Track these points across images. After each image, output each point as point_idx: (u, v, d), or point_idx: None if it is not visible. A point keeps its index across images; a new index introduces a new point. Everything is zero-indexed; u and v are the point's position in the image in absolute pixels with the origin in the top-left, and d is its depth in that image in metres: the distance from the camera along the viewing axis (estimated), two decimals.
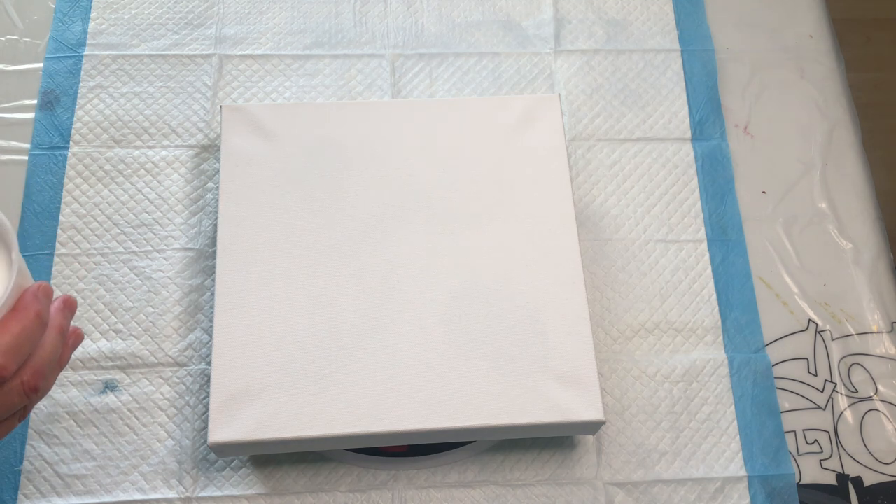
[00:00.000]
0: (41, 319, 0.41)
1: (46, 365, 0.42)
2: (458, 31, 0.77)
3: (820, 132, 0.75)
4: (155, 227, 0.67)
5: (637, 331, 0.66)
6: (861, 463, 0.63)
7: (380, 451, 0.61)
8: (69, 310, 0.45)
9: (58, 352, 0.43)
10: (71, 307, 0.45)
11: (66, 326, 0.44)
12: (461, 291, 0.59)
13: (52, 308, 0.44)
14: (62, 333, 0.44)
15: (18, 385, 0.41)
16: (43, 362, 0.42)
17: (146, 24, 0.75)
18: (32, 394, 0.42)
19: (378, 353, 0.57)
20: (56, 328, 0.43)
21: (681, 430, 0.63)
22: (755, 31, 0.79)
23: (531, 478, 0.61)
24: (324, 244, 0.60)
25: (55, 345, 0.43)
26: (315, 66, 0.74)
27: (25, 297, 0.41)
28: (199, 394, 0.62)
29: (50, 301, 0.43)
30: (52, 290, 0.43)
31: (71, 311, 0.45)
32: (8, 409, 0.41)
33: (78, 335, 0.47)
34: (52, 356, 0.43)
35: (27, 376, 0.41)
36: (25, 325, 0.40)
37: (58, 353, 0.43)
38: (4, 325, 0.40)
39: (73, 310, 0.45)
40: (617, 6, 0.79)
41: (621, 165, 0.72)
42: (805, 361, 0.66)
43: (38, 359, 0.42)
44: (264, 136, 0.64)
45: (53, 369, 0.44)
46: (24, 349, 0.41)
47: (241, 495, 0.59)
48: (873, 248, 0.70)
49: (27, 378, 0.41)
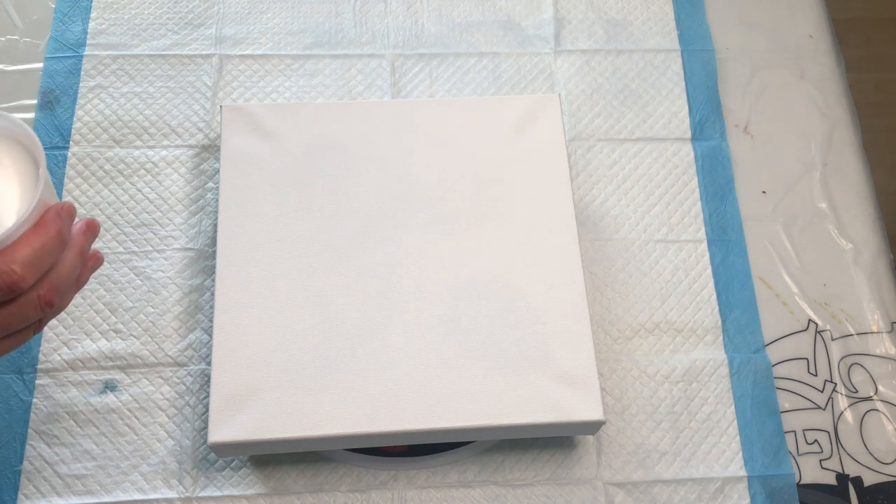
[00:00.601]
0: (62, 237, 0.43)
1: (63, 282, 0.44)
2: (458, 31, 0.77)
3: (820, 132, 0.75)
4: (155, 227, 0.67)
5: (637, 331, 0.66)
6: (861, 463, 0.63)
7: (380, 451, 0.61)
8: (91, 232, 0.46)
9: (76, 271, 0.45)
10: (93, 230, 0.46)
11: (86, 248, 0.46)
12: (461, 291, 0.59)
13: (74, 229, 0.45)
14: (82, 254, 0.45)
15: (35, 298, 0.42)
16: (60, 279, 0.43)
17: (146, 24, 0.75)
18: (48, 308, 0.43)
19: (378, 353, 0.57)
20: (76, 248, 0.45)
21: (681, 430, 0.63)
22: (755, 31, 0.79)
23: (531, 478, 0.61)
24: (324, 244, 0.60)
25: (74, 264, 0.44)
26: (315, 66, 0.74)
27: (48, 215, 0.43)
28: (199, 394, 0.62)
29: (72, 221, 0.44)
30: (75, 211, 0.44)
31: (93, 233, 0.46)
32: (23, 320, 0.42)
33: (98, 258, 0.48)
34: (70, 274, 0.44)
35: (44, 290, 0.42)
36: (46, 241, 0.42)
37: (76, 272, 0.45)
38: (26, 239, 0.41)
39: (96, 233, 0.47)
40: (617, 6, 0.79)
41: (621, 165, 0.72)
42: (805, 361, 0.66)
43: (56, 275, 0.43)
44: (264, 136, 0.64)
45: (70, 288, 0.45)
46: (43, 263, 0.42)
47: (241, 495, 0.59)
48: (873, 248, 0.70)
49: (44, 292, 0.42)
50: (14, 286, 0.40)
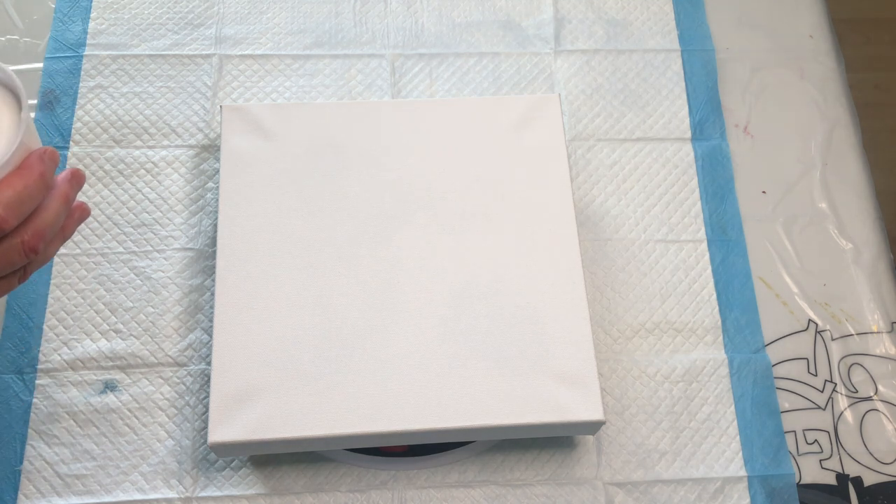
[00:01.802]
0: (44, 180, 0.42)
1: (48, 228, 0.43)
2: (458, 31, 0.77)
3: (820, 132, 0.75)
4: (155, 227, 0.67)
5: (637, 331, 0.66)
6: (861, 463, 0.63)
7: (380, 451, 0.61)
8: (76, 181, 0.46)
9: (61, 218, 0.44)
10: (78, 179, 0.46)
11: (71, 197, 0.45)
12: (461, 291, 0.59)
13: (59, 177, 0.45)
14: (67, 202, 0.45)
15: (18, 243, 0.42)
16: (45, 224, 0.43)
17: (146, 24, 0.75)
18: (32, 254, 0.42)
19: (378, 353, 0.57)
20: (61, 195, 0.44)
21: (681, 430, 0.63)
22: (755, 31, 0.79)
23: (531, 478, 0.61)
24: (324, 244, 0.60)
25: (58, 211, 0.44)
26: (315, 66, 0.74)
27: (31, 158, 0.42)
28: (199, 394, 0.62)
29: (55, 166, 0.44)
30: (58, 156, 0.44)
31: (78, 183, 0.46)
32: (7, 265, 0.42)
33: (84, 210, 0.48)
34: (55, 221, 0.44)
35: (27, 236, 0.42)
36: (28, 183, 0.41)
37: (61, 219, 0.44)
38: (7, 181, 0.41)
39: (81, 183, 0.46)
40: (617, 6, 0.79)
41: (621, 165, 0.72)
42: (805, 361, 0.66)
43: (40, 220, 0.43)
44: (264, 136, 0.64)
45: (56, 237, 0.45)
46: (25, 206, 0.41)
47: (241, 495, 0.59)
48: (873, 248, 0.70)
49: (27, 238, 0.42)
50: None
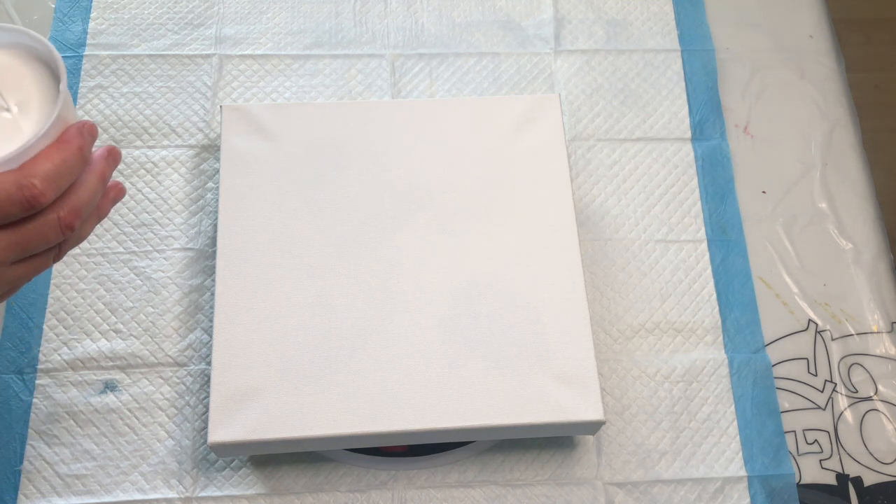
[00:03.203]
0: (82, 154, 0.41)
1: (84, 206, 0.42)
2: (458, 31, 0.77)
3: (820, 132, 0.75)
4: (155, 227, 0.67)
5: (637, 331, 0.66)
6: (861, 463, 0.63)
7: (380, 451, 0.61)
8: (112, 158, 0.44)
9: (97, 196, 0.43)
10: (115, 157, 0.45)
11: (107, 174, 0.44)
12: (461, 291, 0.59)
13: (95, 154, 0.44)
14: (103, 180, 0.44)
15: (55, 219, 0.40)
16: (81, 202, 0.42)
17: (146, 24, 0.75)
18: (68, 231, 0.41)
19: (378, 353, 0.57)
20: (98, 172, 0.43)
21: (681, 430, 0.63)
22: (755, 31, 0.79)
23: (531, 478, 0.61)
24: (323, 244, 0.60)
25: (95, 188, 0.43)
26: (315, 66, 0.74)
27: (69, 131, 0.41)
28: (199, 394, 0.62)
29: (94, 140, 0.43)
30: (97, 130, 0.43)
31: (115, 160, 0.45)
32: (43, 242, 0.41)
33: (119, 189, 0.47)
34: (91, 198, 0.42)
35: (64, 212, 0.41)
36: (66, 157, 0.40)
37: (97, 197, 0.43)
38: (46, 154, 0.40)
39: (118, 160, 0.45)
40: (617, 6, 0.79)
41: (621, 165, 0.72)
42: (805, 361, 0.66)
43: (76, 197, 0.41)
44: (264, 136, 0.64)
45: (91, 216, 0.44)
46: (63, 180, 0.40)
47: (241, 495, 0.59)
48: (873, 248, 0.70)
49: (64, 214, 0.41)
50: (34, 201, 0.38)
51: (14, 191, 0.38)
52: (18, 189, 0.38)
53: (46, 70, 0.42)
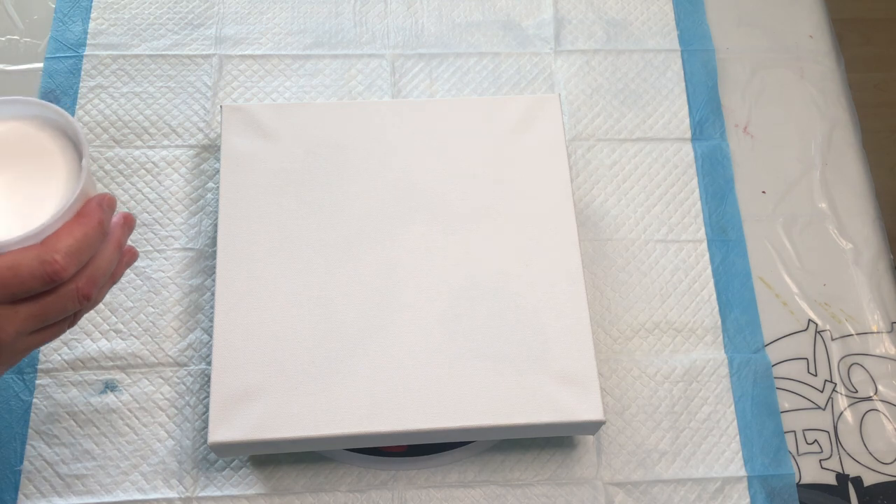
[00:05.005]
0: (103, 228, 0.42)
1: (101, 275, 0.43)
2: (458, 31, 0.77)
3: (820, 132, 0.75)
4: (155, 227, 0.67)
5: (637, 331, 0.66)
6: (861, 463, 0.63)
7: (380, 451, 0.61)
8: (128, 226, 0.45)
9: (113, 264, 0.44)
10: (130, 224, 0.46)
11: (123, 242, 0.45)
12: (461, 291, 0.59)
13: (112, 222, 0.44)
14: (119, 248, 0.44)
15: (73, 290, 0.41)
16: (99, 272, 0.43)
17: (146, 24, 0.75)
18: (85, 301, 0.42)
19: (378, 353, 0.57)
20: (114, 241, 0.44)
21: (681, 430, 0.63)
22: (755, 31, 0.79)
23: (531, 478, 0.61)
24: (324, 244, 0.60)
25: (112, 257, 0.44)
26: (315, 66, 0.74)
27: (90, 205, 0.42)
28: (199, 394, 0.62)
29: (113, 212, 0.44)
30: (115, 202, 0.43)
31: (130, 228, 0.46)
32: (60, 312, 0.42)
33: (133, 254, 0.48)
34: (108, 268, 0.43)
35: (82, 283, 0.42)
36: (87, 232, 0.41)
37: (113, 265, 0.44)
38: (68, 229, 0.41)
39: (132, 227, 0.46)
40: (617, 6, 0.79)
41: (621, 165, 0.72)
42: (805, 361, 0.66)
43: (95, 268, 0.42)
44: (264, 136, 0.64)
45: (107, 282, 0.45)
46: (84, 254, 0.41)
47: (241, 495, 0.59)
48: (873, 248, 0.70)
49: (82, 284, 0.42)
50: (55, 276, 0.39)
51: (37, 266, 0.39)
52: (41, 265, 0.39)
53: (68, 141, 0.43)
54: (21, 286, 0.39)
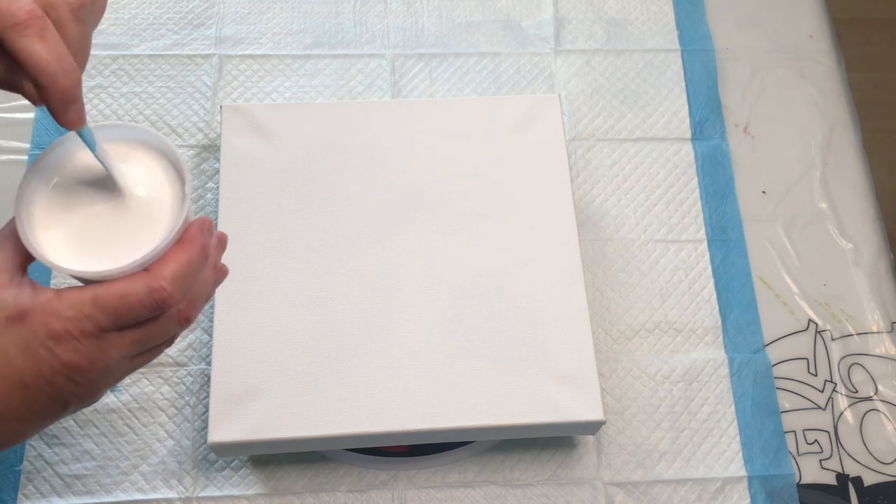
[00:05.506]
0: (205, 253, 0.42)
1: (200, 298, 0.43)
2: (458, 31, 0.77)
3: (820, 132, 0.75)
4: None
5: (637, 331, 0.66)
6: (861, 463, 0.63)
7: (380, 451, 0.61)
8: (222, 246, 0.46)
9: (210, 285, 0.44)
10: (223, 243, 0.46)
11: (218, 262, 0.45)
12: (461, 291, 0.59)
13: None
14: (215, 268, 0.45)
15: (175, 314, 0.41)
16: (198, 295, 0.43)
17: (146, 24, 0.75)
18: (186, 323, 0.42)
19: (378, 353, 0.57)
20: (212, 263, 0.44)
21: (681, 430, 0.63)
22: (755, 31, 0.79)
23: (531, 478, 0.61)
24: (324, 244, 0.60)
25: (209, 279, 0.44)
26: (315, 66, 0.74)
27: (192, 230, 0.42)
28: (199, 394, 0.62)
29: (212, 236, 0.44)
30: (213, 225, 0.44)
31: (223, 247, 0.46)
32: (163, 335, 0.42)
33: (224, 272, 0.48)
34: (206, 289, 0.44)
35: (183, 306, 0.42)
36: (192, 258, 0.41)
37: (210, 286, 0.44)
38: (173, 255, 0.41)
39: (225, 246, 0.46)
40: (617, 6, 0.79)
41: (621, 165, 0.72)
42: (805, 361, 0.66)
43: (195, 291, 0.42)
44: (264, 136, 0.64)
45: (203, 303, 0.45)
46: (189, 281, 0.41)
47: (241, 495, 0.59)
48: (873, 248, 0.70)
49: (183, 307, 0.42)
50: (163, 304, 0.39)
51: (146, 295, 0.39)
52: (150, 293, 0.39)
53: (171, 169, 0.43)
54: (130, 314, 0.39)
